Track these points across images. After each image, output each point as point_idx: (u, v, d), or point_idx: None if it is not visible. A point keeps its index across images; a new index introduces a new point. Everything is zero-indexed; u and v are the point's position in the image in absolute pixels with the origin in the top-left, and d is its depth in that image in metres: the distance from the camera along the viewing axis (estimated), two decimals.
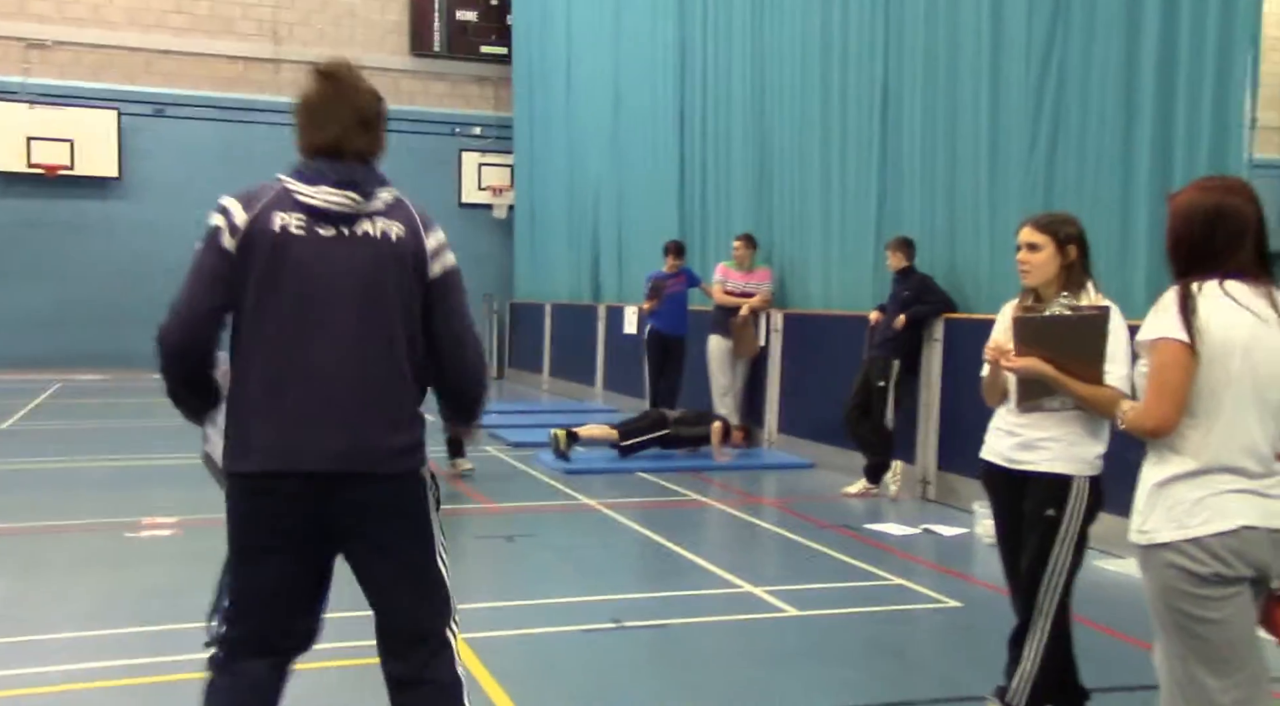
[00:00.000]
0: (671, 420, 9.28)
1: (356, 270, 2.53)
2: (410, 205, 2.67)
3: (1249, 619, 2.59)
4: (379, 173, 2.64)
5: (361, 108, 2.64)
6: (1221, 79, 5.89)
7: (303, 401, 2.52)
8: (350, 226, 2.55)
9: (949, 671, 4.38)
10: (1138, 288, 6.35)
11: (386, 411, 2.57)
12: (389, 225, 2.58)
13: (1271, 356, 2.55)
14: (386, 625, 2.69)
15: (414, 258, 2.59)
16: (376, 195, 2.59)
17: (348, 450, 2.52)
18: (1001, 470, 3.59)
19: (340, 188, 2.55)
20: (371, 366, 2.55)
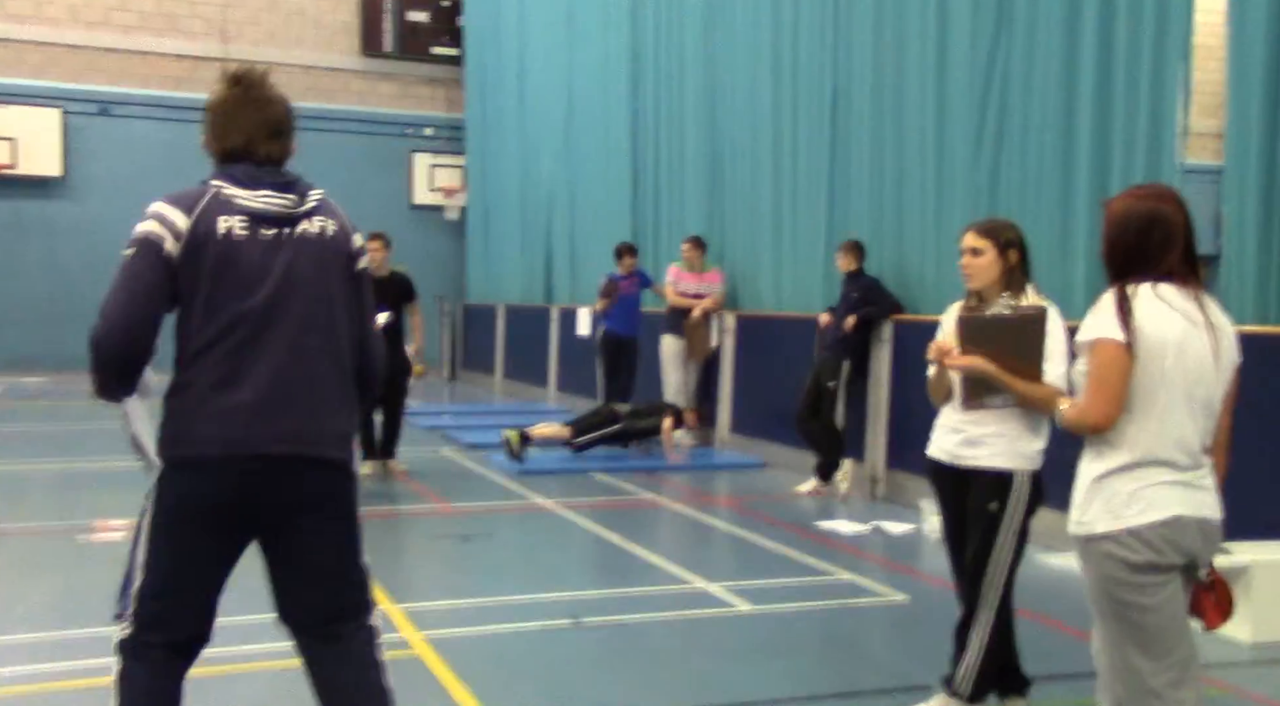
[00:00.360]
0: (623, 414, 9.34)
1: (301, 268, 2.66)
2: (335, 206, 2.81)
3: (1180, 605, 2.73)
4: (301, 176, 2.79)
5: (275, 116, 2.76)
6: (1156, 88, 6.10)
7: (254, 394, 2.60)
8: (290, 227, 2.68)
9: (898, 662, 4.52)
10: (1077, 289, 6.54)
11: (332, 400, 2.71)
12: (325, 223, 2.73)
13: (1200, 356, 2.69)
14: (310, 604, 2.77)
15: (344, 252, 2.75)
16: (308, 195, 2.73)
17: (298, 434, 2.64)
18: (947, 466, 3.73)
19: (281, 191, 2.68)
20: (319, 359, 2.68)
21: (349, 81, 18.21)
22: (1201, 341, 2.69)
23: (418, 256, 17.69)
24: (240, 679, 4.06)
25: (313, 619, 2.79)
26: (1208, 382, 2.70)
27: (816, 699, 4.02)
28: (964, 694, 3.67)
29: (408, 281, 8.71)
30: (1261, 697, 4.12)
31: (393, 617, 4.90)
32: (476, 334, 17.37)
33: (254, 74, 2.79)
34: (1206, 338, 2.70)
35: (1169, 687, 2.67)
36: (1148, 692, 2.68)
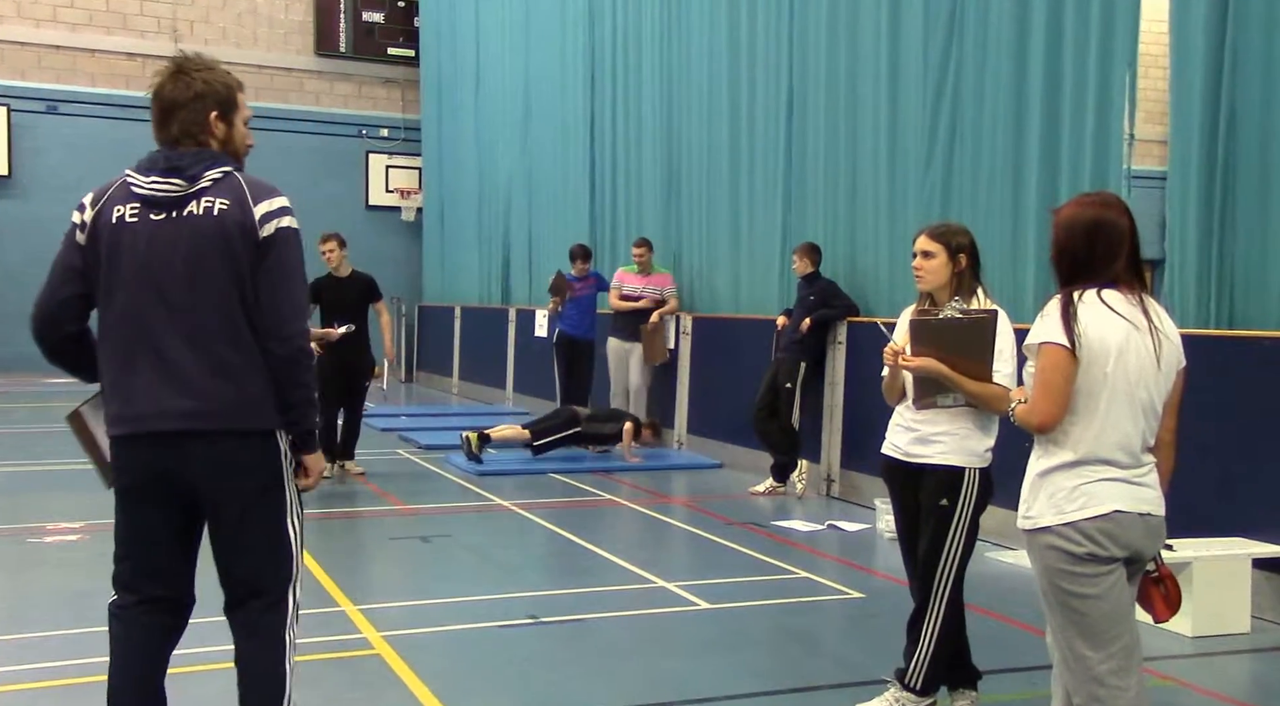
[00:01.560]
0: (583, 417, 9.38)
1: (183, 247, 2.73)
2: (242, 178, 2.82)
3: (1123, 596, 2.83)
4: (213, 154, 2.81)
5: (163, 100, 2.82)
6: (1102, 96, 6.25)
7: (149, 372, 2.74)
8: (179, 209, 2.74)
9: (852, 657, 4.60)
10: (1027, 292, 6.69)
11: (227, 374, 2.75)
12: (213, 201, 2.75)
13: (1142, 359, 2.79)
14: (229, 577, 2.87)
15: (239, 225, 2.74)
16: (203, 175, 2.76)
17: (191, 410, 2.73)
18: (899, 463, 3.82)
19: (166, 175, 2.75)
20: (208, 335, 2.74)
21: (303, 81, 18.09)
22: (1144, 345, 2.79)
23: (374, 258, 17.53)
24: (201, 678, 4.05)
25: (231, 596, 2.88)
26: (1149, 385, 2.80)
27: (773, 693, 4.09)
28: (916, 687, 3.75)
29: (370, 281, 8.68)
30: (1201, 688, 4.25)
31: (353, 618, 4.91)
32: (433, 335, 17.31)
33: (171, 64, 2.87)
34: (1149, 342, 2.79)
35: (1112, 675, 2.77)
36: (1092, 680, 2.77)
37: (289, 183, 13.22)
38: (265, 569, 2.85)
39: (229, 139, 2.87)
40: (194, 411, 2.73)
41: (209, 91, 2.83)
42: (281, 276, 2.78)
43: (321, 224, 13.68)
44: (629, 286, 10.13)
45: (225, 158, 2.83)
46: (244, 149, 2.95)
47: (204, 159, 2.78)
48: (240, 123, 2.91)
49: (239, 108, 2.90)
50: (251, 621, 2.85)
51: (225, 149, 2.86)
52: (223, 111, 2.85)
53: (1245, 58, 5.44)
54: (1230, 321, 5.57)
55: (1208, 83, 5.60)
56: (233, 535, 2.82)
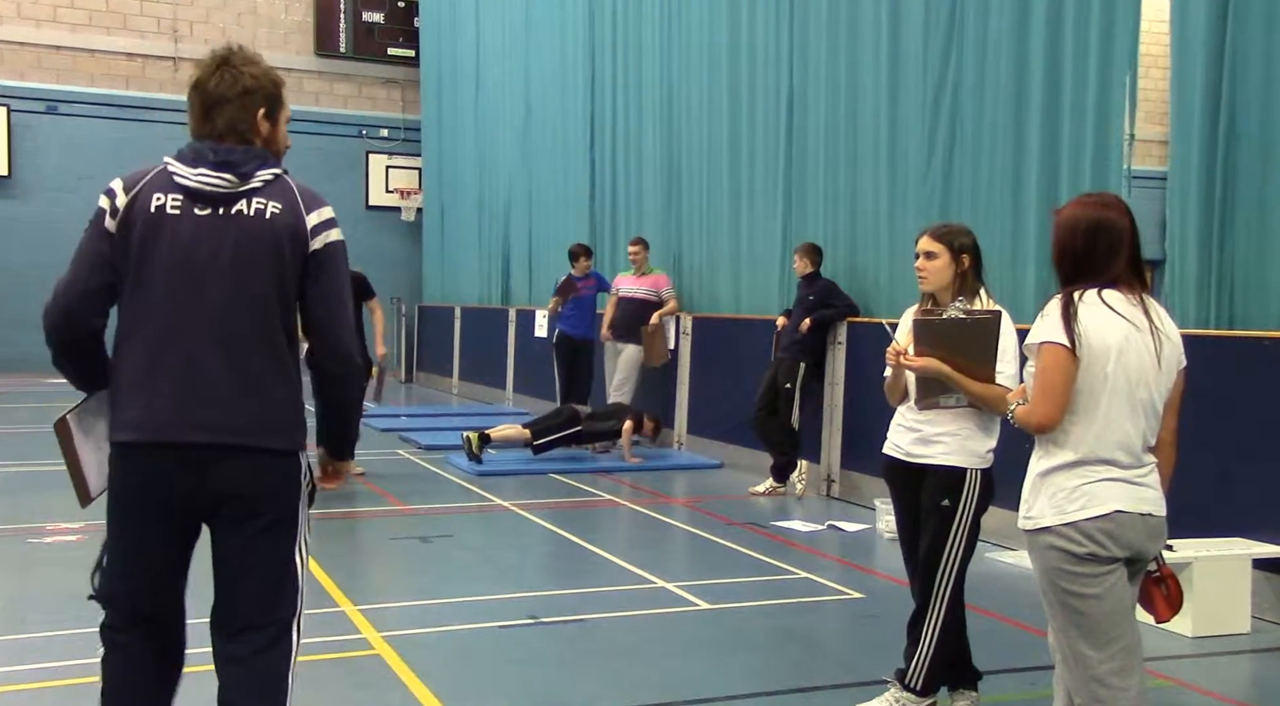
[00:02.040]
0: (583, 416, 9.37)
1: (228, 248, 2.57)
2: (292, 183, 2.68)
3: (1124, 596, 2.83)
4: (262, 153, 2.68)
5: (213, 92, 2.66)
6: (1103, 96, 6.25)
7: (177, 377, 2.57)
8: (227, 206, 2.59)
9: (853, 658, 4.60)
10: (1028, 292, 6.69)
11: (257, 386, 2.60)
12: (265, 203, 2.61)
13: (1142, 359, 2.79)
14: (227, 604, 2.68)
15: (291, 233, 2.61)
16: (255, 175, 2.62)
17: (218, 423, 2.57)
18: (901, 463, 3.82)
19: (217, 169, 2.60)
20: (242, 342, 2.59)
21: (303, 81, 18.09)
22: (1144, 345, 2.79)
23: (374, 258, 17.55)
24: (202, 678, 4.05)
25: (224, 622, 2.68)
26: (1149, 385, 2.80)
27: (773, 694, 4.09)
28: (916, 687, 3.76)
29: (363, 279, 8.69)
30: (1201, 689, 4.25)
31: (353, 618, 4.91)
32: (433, 335, 17.31)
33: (234, 51, 2.73)
34: (1150, 342, 2.79)
35: (1113, 676, 2.77)
36: (1093, 680, 2.77)
37: None
38: (268, 599, 2.67)
39: (272, 139, 2.74)
40: (221, 424, 2.57)
41: (258, 87, 2.70)
42: (336, 291, 2.68)
43: None
44: (625, 288, 10.13)
45: (274, 159, 2.71)
46: (284, 150, 2.81)
47: (255, 157, 2.65)
48: (284, 122, 2.80)
49: (283, 106, 2.79)
50: (246, 656, 2.64)
51: (268, 148, 2.72)
52: (270, 109, 2.72)
53: (1246, 58, 5.44)
54: (1230, 321, 5.57)
55: (1208, 83, 5.60)
56: (240, 558, 2.65)
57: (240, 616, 2.67)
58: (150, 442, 2.58)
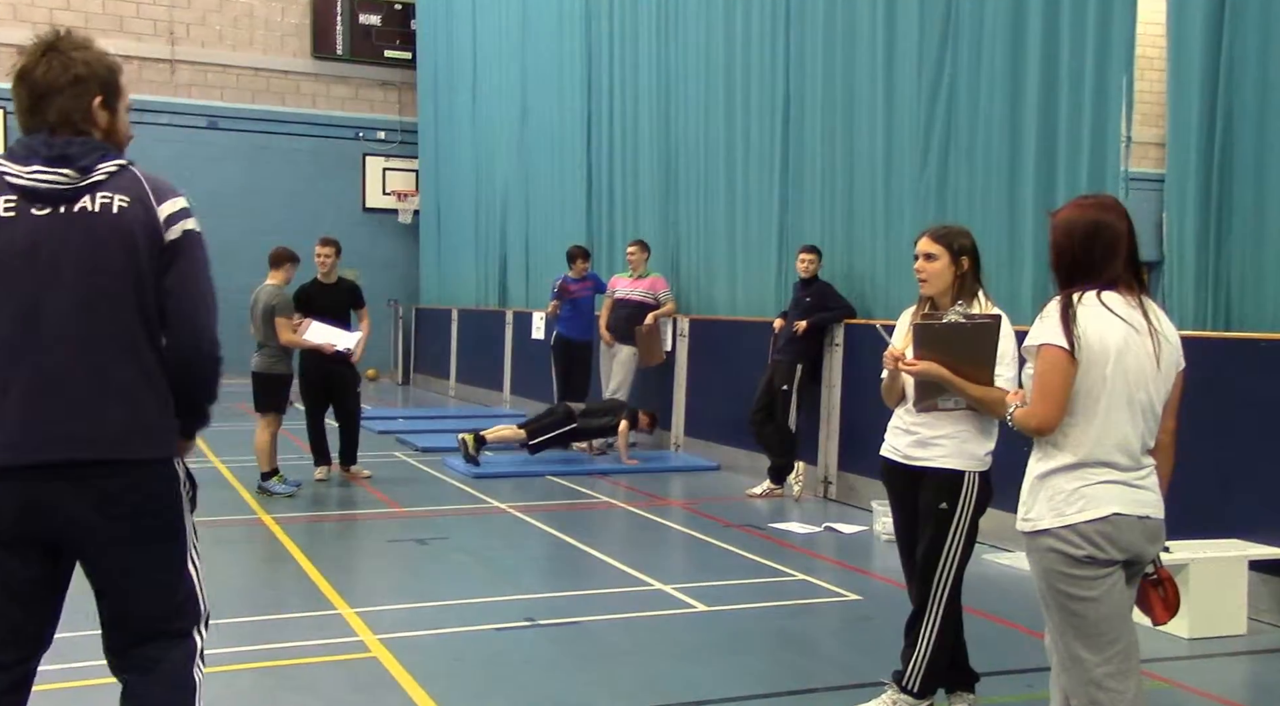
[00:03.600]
0: (578, 413, 9.35)
1: (73, 248, 2.37)
2: (141, 174, 2.48)
3: (1121, 599, 2.82)
4: (101, 145, 2.47)
5: (48, 78, 2.44)
6: (1099, 98, 6.25)
7: (27, 392, 2.36)
8: (68, 204, 2.38)
9: (850, 660, 4.60)
10: (1024, 294, 6.69)
11: (115, 394, 2.41)
12: (110, 196, 2.40)
13: (1141, 361, 2.78)
14: (120, 625, 2.51)
15: (142, 225, 2.42)
16: (96, 168, 2.41)
17: (78, 435, 2.37)
18: (899, 466, 3.81)
19: (52, 165, 2.38)
20: (98, 348, 2.39)
21: (300, 84, 18.07)
22: (1143, 347, 2.78)
23: (371, 260, 17.63)
24: None
25: (116, 641, 2.51)
26: (1148, 387, 2.79)
27: (771, 696, 4.08)
28: (913, 689, 3.75)
29: (355, 288, 8.70)
30: (1197, 690, 4.25)
31: (349, 620, 4.90)
32: (430, 338, 17.30)
33: (62, 37, 2.50)
34: (1149, 344, 2.78)
35: (1110, 678, 2.76)
36: (1090, 682, 2.77)
37: (285, 186, 13.37)
38: (165, 612, 2.49)
39: (112, 129, 2.50)
40: (81, 437, 2.36)
41: (91, 74, 2.46)
42: (195, 284, 2.48)
43: (318, 226, 13.73)
44: (621, 289, 10.12)
45: (115, 150, 2.48)
46: (126, 140, 2.58)
47: (95, 149, 2.42)
48: (123, 110, 2.56)
49: (122, 93, 2.54)
50: (150, 658, 2.48)
51: (109, 140, 2.50)
52: (106, 97, 2.48)
53: (1243, 60, 5.44)
54: (1227, 323, 5.58)
55: (1205, 85, 5.61)
56: (125, 580, 2.45)
57: (136, 634, 2.50)
58: (3, 467, 2.36)
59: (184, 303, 2.48)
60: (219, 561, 6.14)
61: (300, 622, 4.90)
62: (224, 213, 17.22)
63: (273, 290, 7.95)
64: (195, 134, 17.03)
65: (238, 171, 17.29)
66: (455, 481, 8.63)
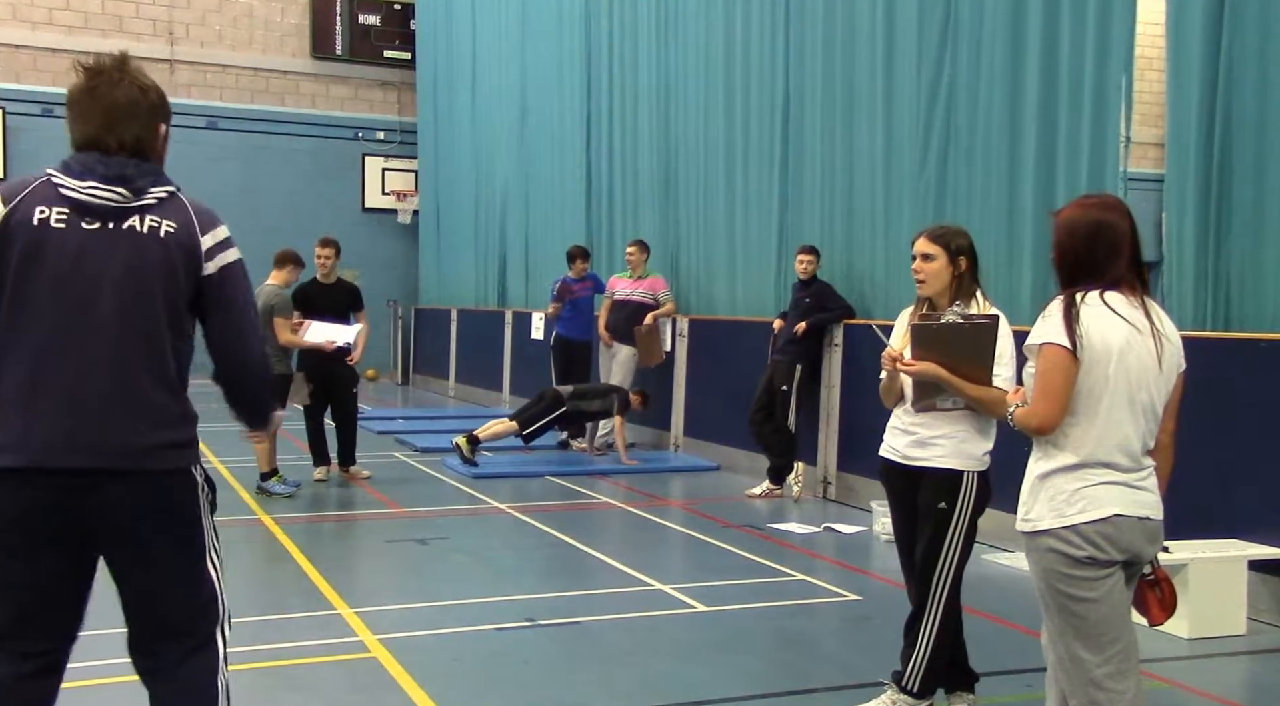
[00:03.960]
0: (566, 397, 9.29)
1: (118, 265, 2.48)
2: (188, 201, 2.61)
3: (1121, 600, 2.83)
4: (155, 169, 2.60)
5: (128, 101, 2.56)
6: (1099, 98, 6.26)
7: (58, 397, 2.46)
8: (117, 222, 2.50)
9: (849, 660, 4.60)
10: (1023, 294, 6.69)
11: (144, 406, 2.51)
12: (159, 220, 2.53)
13: (1142, 361, 2.78)
14: (143, 629, 2.61)
15: (185, 253, 2.54)
16: (148, 191, 2.53)
17: (101, 445, 2.47)
18: (897, 466, 3.81)
19: (108, 183, 2.50)
20: (131, 362, 2.50)
21: (300, 84, 18.07)
22: (1145, 348, 2.78)
23: (370, 260, 17.63)
24: None
25: (139, 638, 2.62)
26: (1150, 387, 2.79)
27: (770, 696, 4.08)
28: (913, 689, 3.75)
29: (355, 290, 8.69)
30: (1197, 690, 4.25)
31: (349, 621, 4.90)
32: (429, 338, 17.30)
33: (104, 62, 2.61)
34: (1151, 344, 2.78)
35: (1110, 679, 2.76)
36: (1089, 683, 2.77)
37: (285, 186, 13.37)
38: (188, 613, 2.60)
39: (163, 155, 2.67)
40: (107, 447, 2.46)
41: (161, 102, 2.64)
42: (238, 315, 2.63)
43: (318, 226, 13.74)
44: (620, 290, 10.11)
45: (167, 176, 2.62)
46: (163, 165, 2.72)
47: (150, 173, 2.56)
48: (166, 138, 2.71)
49: (169, 122, 2.72)
50: (172, 664, 2.59)
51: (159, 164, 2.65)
52: (166, 124, 2.66)
53: (1242, 60, 5.44)
54: (1227, 323, 5.58)
55: (1205, 85, 5.61)
56: (146, 583, 2.57)
57: (157, 638, 2.60)
58: (30, 468, 2.44)
59: (228, 333, 2.62)
60: None
61: (300, 623, 4.90)
62: (223, 213, 16.88)
63: (273, 290, 7.95)
64: (195, 134, 17.02)
65: (237, 171, 17.29)
66: (455, 481, 8.63)
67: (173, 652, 2.59)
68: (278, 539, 6.55)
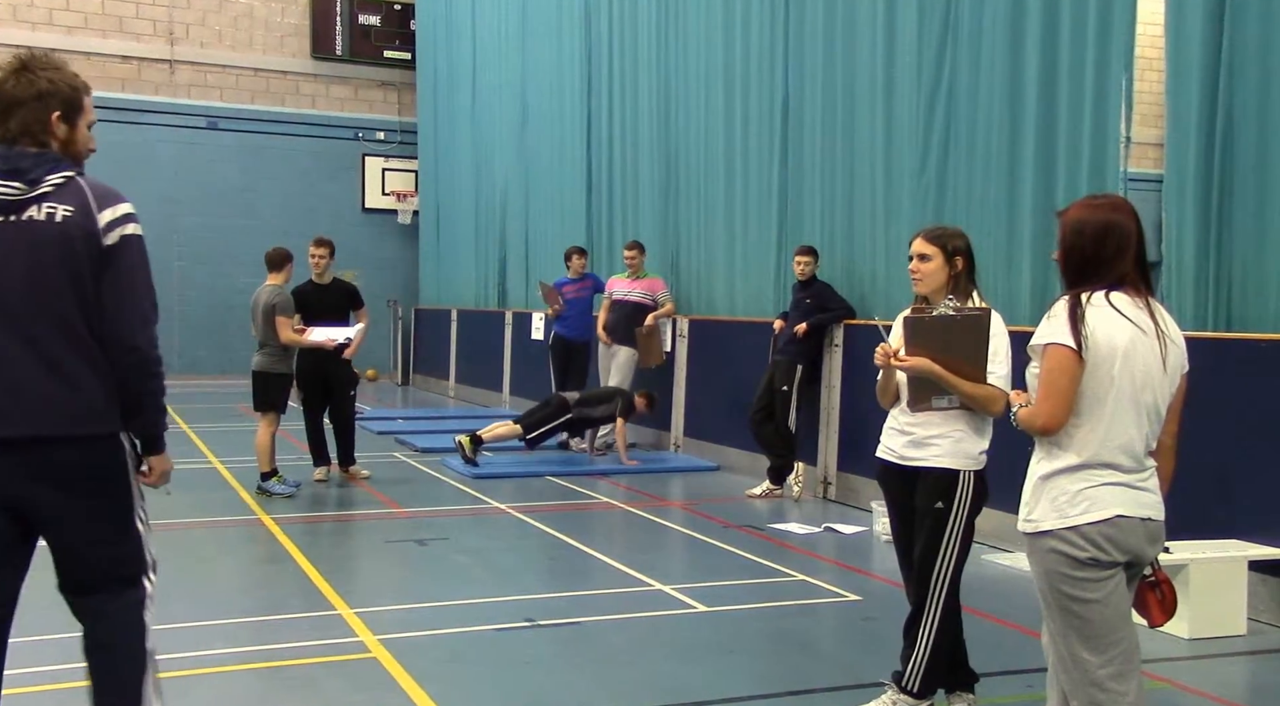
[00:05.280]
0: (572, 403, 9.31)
1: (21, 253, 2.70)
2: (85, 183, 2.79)
3: (1123, 601, 2.82)
4: (54, 157, 2.78)
5: (13, 93, 2.76)
6: (1099, 99, 6.25)
7: None
8: (18, 213, 2.71)
9: (849, 660, 4.60)
10: (1023, 295, 6.69)
11: (63, 378, 2.74)
12: (55, 207, 2.73)
13: (1147, 362, 2.77)
14: (71, 575, 2.87)
15: (82, 231, 2.73)
16: (44, 180, 2.73)
17: (27, 415, 2.71)
18: (894, 466, 3.81)
19: (6, 178, 2.72)
20: (48, 340, 2.73)
21: (300, 84, 18.08)
22: (1150, 349, 2.77)
23: (370, 261, 17.63)
24: (199, 682, 4.04)
25: (70, 587, 2.88)
26: (1154, 389, 2.79)
27: (770, 696, 4.08)
28: (913, 690, 3.75)
29: (352, 289, 8.68)
30: (1197, 691, 4.25)
31: (349, 621, 4.90)
32: (429, 338, 17.30)
33: (30, 56, 2.83)
34: (1155, 345, 2.77)
35: (1111, 680, 2.76)
36: (1091, 684, 2.77)
37: (285, 186, 13.36)
38: (115, 564, 2.87)
39: (70, 141, 2.84)
40: (30, 416, 2.71)
41: (53, 90, 2.79)
42: (127, 285, 2.79)
43: (317, 227, 13.75)
44: (618, 290, 10.11)
45: (67, 161, 2.80)
46: (86, 153, 2.91)
47: (45, 161, 2.75)
48: (84, 126, 2.89)
49: (84, 111, 2.88)
50: (102, 604, 2.86)
51: (66, 151, 2.83)
52: (66, 112, 2.82)
53: (1242, 60, 5.44)
54: (1228, 323, 5.58)
55: (1204, 85, 5.60)
56: (75, 541, 2.82)
57: (87, 585, 2.86)
58: None
59: (112, 300, 2.78)
60: (219, 562, 6.14)
61: (300, 623, 4.90)
62: (223, 213, 17.24)
63: (273, 290, 7.95)
64: (195, 134, 17.04)
65: (237, 172, 17.30)
66: (455, 482, 8.63)
67: (101, 599, 2.86)
68: (278, 539, 6.55)
